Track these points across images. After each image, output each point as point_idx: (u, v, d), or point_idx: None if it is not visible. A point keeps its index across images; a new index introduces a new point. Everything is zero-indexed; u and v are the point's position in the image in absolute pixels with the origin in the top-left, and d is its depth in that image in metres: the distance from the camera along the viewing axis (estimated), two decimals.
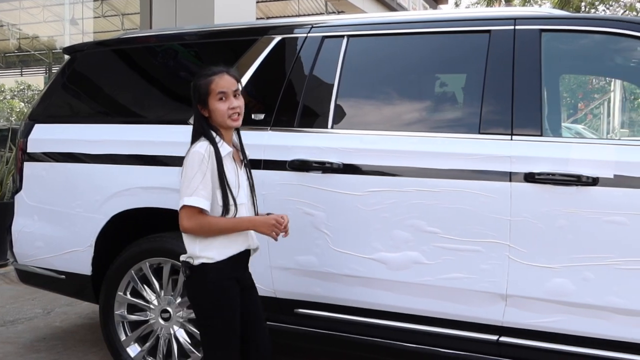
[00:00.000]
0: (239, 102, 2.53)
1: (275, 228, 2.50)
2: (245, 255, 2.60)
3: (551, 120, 3.36)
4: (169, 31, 3.94)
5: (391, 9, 16.82)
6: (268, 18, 17.99)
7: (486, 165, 2.76)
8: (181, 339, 3.34)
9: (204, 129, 2.51)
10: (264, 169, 3.13)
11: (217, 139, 2.51)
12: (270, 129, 3.21)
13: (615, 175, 2.59)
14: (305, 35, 3.33)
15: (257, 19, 14.34)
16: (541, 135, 2.76)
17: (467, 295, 2.82)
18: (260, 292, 3.16)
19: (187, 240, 2.52)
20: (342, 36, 3.24)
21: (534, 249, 2.69)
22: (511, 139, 2.77)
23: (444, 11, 10.64)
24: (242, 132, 3.25)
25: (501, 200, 2.72)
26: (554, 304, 2.69)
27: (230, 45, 3.61)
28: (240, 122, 2.56)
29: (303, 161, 3.06)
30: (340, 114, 3.15)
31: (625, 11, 25.55)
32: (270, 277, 3.16)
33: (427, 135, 2.94)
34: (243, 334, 2.58)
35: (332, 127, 3.12)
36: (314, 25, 3.34)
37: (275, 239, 2.57)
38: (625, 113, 16.99)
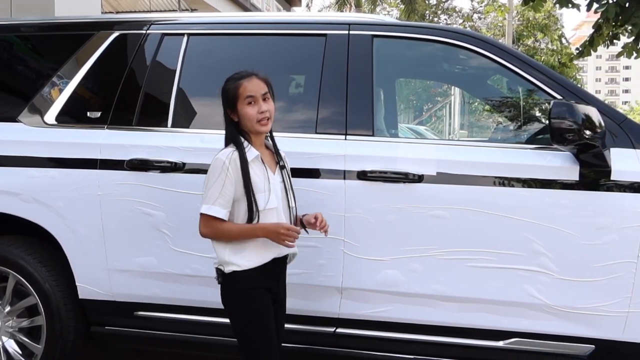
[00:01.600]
0: (269, 106, 2.45)
1: (284, 237, 2.35)
2: (276, 264, 2.48)
3: (385, 121, 3.55)
4: (3, 22, 3.69)
5: (245, 9, 16.83)
6: (117, 12, 17.28)
7: (322, 163, 2.87)
8: (10, 350, 3.15)
9: (232, 134, 2.45)
10: (100, 168, 3.04)
11: (245, 143, 2.44)
12: (107, 128, 3.12)
13: (438, 173, 2.79)
14: (144, 32, 3.26)
15: (105, 12, 13.73)
16: (373, 135, 2.92)
17: (305, 290, 2.91)
18: (98, 297, 3.10)
19: (217, 247, 2.45)
20: (182, 34, 3.22)
21: (366, 243, 2.83)
22: (345, 139, 2.90)
23: (284, 13, 10.84)
24: (76, 131, 3.16)
25: (336, 197, 2.84)
26: (385, 295, 2.85)
27: (67, 39, 3.46)
28: (269, 127, 2.47)
29: (142, 160, 3.01)
30: (180, 113, 3.13)
31: (463, 21, 27.49)
32: (108, 280, 3.07)
33: None
34: None
35: (172, 126, 3.09)
36: (154, 22, 3.29)
37: (290, 247, 2.41)
38: (464, 115, 18.26)
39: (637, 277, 2.65)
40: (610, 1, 8.73)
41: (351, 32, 3.05)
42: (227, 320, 2.98)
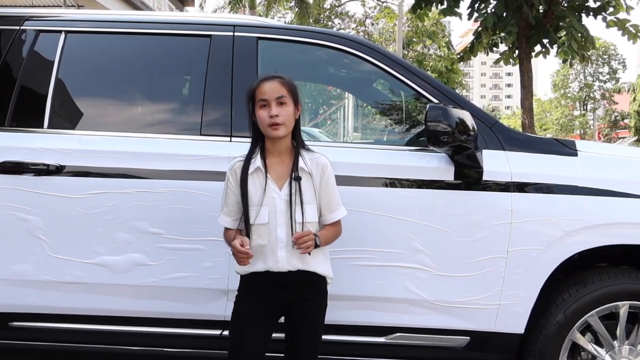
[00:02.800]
0: (281, 111, 2.36)
1: (235, 256, 2.33)
2: (270, 277, 2.39)
3: None
4: None
5: (136, 7, 16.36)
6: None
7: (206, 165, 2.85)
8: None
9: (252, 138, 2.48)
10: None
11: (256, 151, 2.43)
12: None
13: None
14: (17, 28, 3.10)
15: None
16: None
17: (191, 293, 2.88)
18: None
19: None
20: (60, 31, 3.09)
21: None
22: (230, 141, 2.90)
23: (168, 13, 10.62)
24: None
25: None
26: None
27: None
28: (280, 133, 2.38)
29: (15, 163, 2.87)
30: (57, 113, 3.00)
31: (356, 26, 28.12)
32: None
33: (148, 137, 2.95)
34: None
35: (48, 127, 2.97)
36: (28, 18, 3.14)
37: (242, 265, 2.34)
38: (357, 118, 18.67)
39: (507, 272, 2.82)
40: (489, 11, 9.26)
41: (236, 33, 3.04)
42: (110, 327, 2.94)
